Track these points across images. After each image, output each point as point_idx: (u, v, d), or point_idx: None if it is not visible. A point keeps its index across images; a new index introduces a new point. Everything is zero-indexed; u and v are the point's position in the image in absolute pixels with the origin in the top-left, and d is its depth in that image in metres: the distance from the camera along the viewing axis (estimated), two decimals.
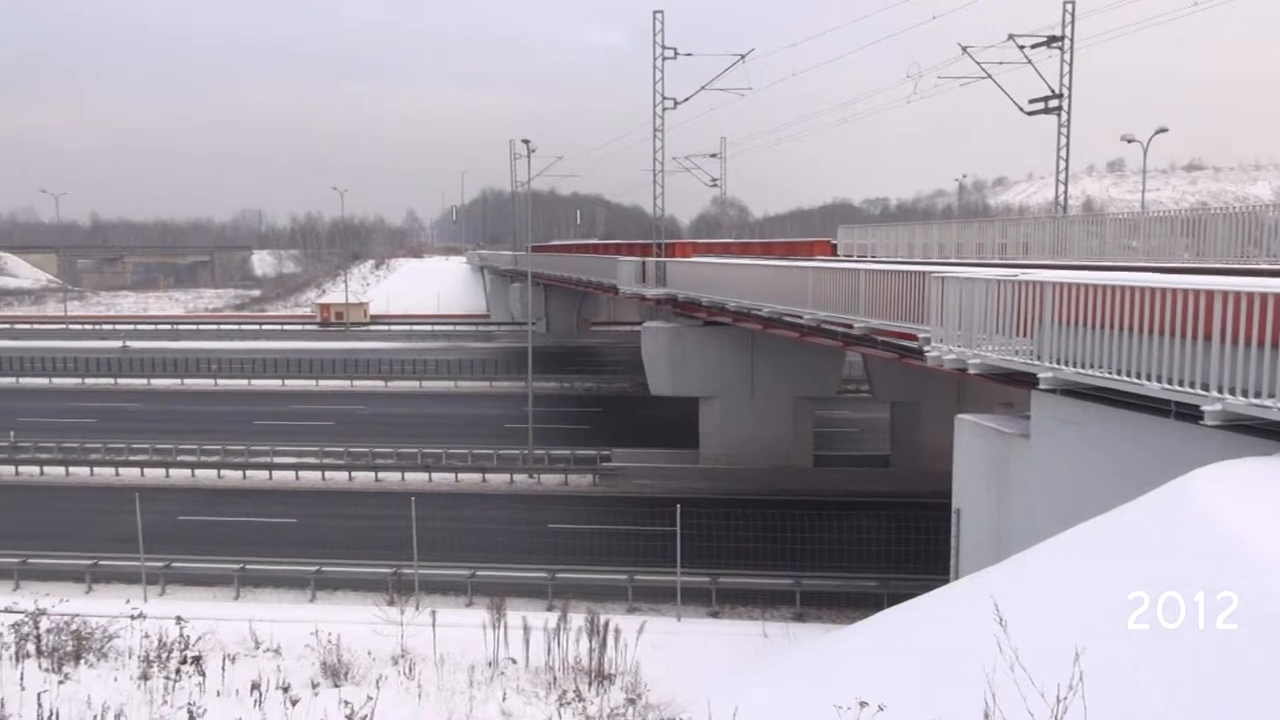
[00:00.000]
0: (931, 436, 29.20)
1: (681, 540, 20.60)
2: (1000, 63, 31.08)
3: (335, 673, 11.59)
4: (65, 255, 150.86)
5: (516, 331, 76.13)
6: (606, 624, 13.15)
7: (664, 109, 34.66)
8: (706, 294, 29.23)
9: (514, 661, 12.92)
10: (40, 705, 7.43)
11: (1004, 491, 13.38)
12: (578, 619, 13.85)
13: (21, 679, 8.79)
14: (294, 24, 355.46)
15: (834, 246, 38.19)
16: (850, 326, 19.21)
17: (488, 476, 33.51)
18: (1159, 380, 9.85)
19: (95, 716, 7.60)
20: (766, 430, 31.96)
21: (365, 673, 11.90)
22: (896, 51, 32.14)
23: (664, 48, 34.01)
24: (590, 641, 13.06)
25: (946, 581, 13.28)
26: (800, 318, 21.95)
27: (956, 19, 30.40)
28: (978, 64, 31.36)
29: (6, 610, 15.66)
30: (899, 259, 28.85)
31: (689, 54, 34.19)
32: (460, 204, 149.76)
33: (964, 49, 31.18)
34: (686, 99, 34.70)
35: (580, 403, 48.50)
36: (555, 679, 12.04)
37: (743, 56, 34.15)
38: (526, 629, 13.66)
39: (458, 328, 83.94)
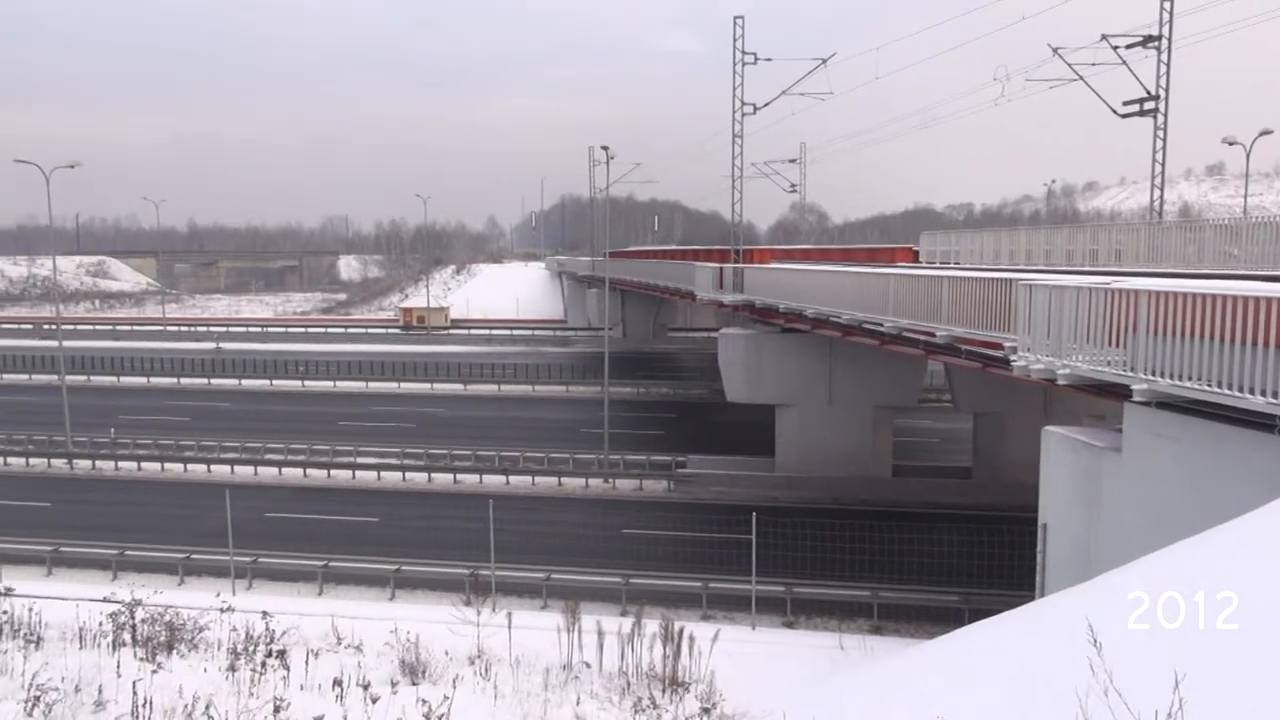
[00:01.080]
0: (1016, 448, 28.42)
1: (757, 548, 20.42)
2: (1093, 64, 30.13)
3: (413, 671, 11.76)
4: (164, 260, 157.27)
5: (593, 337, 76.63)
6: (681, 631, 13.06)
7: (743, 114, 34.52)
8: (784, 300, 28.97)
9: (588, 666, 12.93)
10: (135, 694, 7.70)
11: (1094, 507, 12.92)
12: (652, 625, 13.79)
13: (118, 667, 9.14)
14: (393, 37, 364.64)
15: (916, 253, 37.49)
16: (932, 335, 18.81)
17: (563, 480, 33.76)
18: (1264, 394, 9.39)
19: (186, 706, 7.84)
20: (844, 439, 31.50)
21: (442, 672, 12.05)
22: (983, 53, 31.39)
23: (744, 53, 33.90)
24: (664, 648, 12.99)
25: (1031, 598, 12.87)
26: (880, 325, 21.60)
27: (1047, 19, 29.63)
28: (1069, 65, 30.46)
29: (105, 600, 16.31)
30: (984, 266, 28.17)
31: (769, 59, 34.02)
32: (540, 210, 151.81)
33: (1054, 50, 30.33)
34: (766, 104, 34.52)
35: (655, 408, 48.53)
36: (629, 685, 12.01)
37: (824, 61, 33.82)
38: (601, 633, 13.67)
39: (536, 332, 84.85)
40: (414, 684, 10.75)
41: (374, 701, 7.03)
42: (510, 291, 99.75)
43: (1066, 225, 33.99)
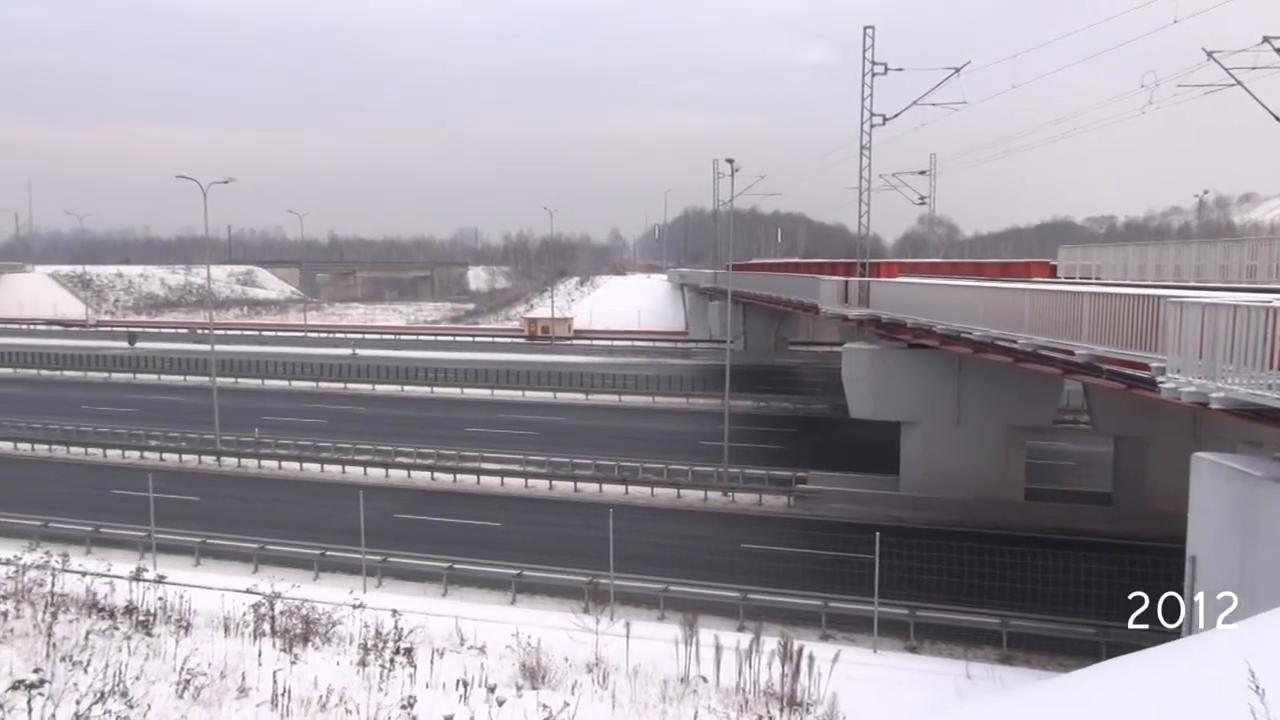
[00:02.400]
0: (1161, 474, 26.84)
1: (880, 569, 19.91)
2: (1253, 68, 28.23)
3: (533, 675, 11.95)
4: (306, 269, 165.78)
5: (714, 349, 76.49)
6: (800, 650, 12.84)
7: (872, 125, 33.86)
8: (912, 315, 28.24)
9: (705, 680, 12.86)
10: (275, 683, 8.07)
11: (1250, 540, 12.04)
12: (770, 642, 13.62)
13: (259, 656, 9.60)
14: (522, 55, 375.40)
15: (1053, 268, 35.95)
16: (1071, 353, 17.98)
17: (682, 492, 33.74)
18: None
19: (321, 697, 8.17)
20: (974, 459, 30.39)
21: (561, 678, 12.20)
22: (1129, 59, 29.89)
23: (873, 63, 33.26)
24: (783, 666, 12.80)
25: (1177, 635, 12.10)
26: (1014, 342, 20.79)
27: (1200, 22, 27.94)
28: (1226, 70, 28.64)
29: (247, 591, 17.22)
30: (1127, 282, 26.75)
31: (900, 69, 33.28)
32: (663, 222, 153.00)
33: (1209, 54, 28.57)
34: (896, 114, 33.75)
35: (776, 422, 48.01)
36: (747, 702, 11.88)
37: (957, 70, 32.86)
38: (719, 648, 13.59)
39: (657, 344, 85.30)
40: (534, 688, 10.92)
41: (500, 704, 7.15)
42: (632, 303, 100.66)
43: (1221, 239, 31.94)
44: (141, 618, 11.82)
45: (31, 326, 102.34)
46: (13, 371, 67.11)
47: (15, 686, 5.71)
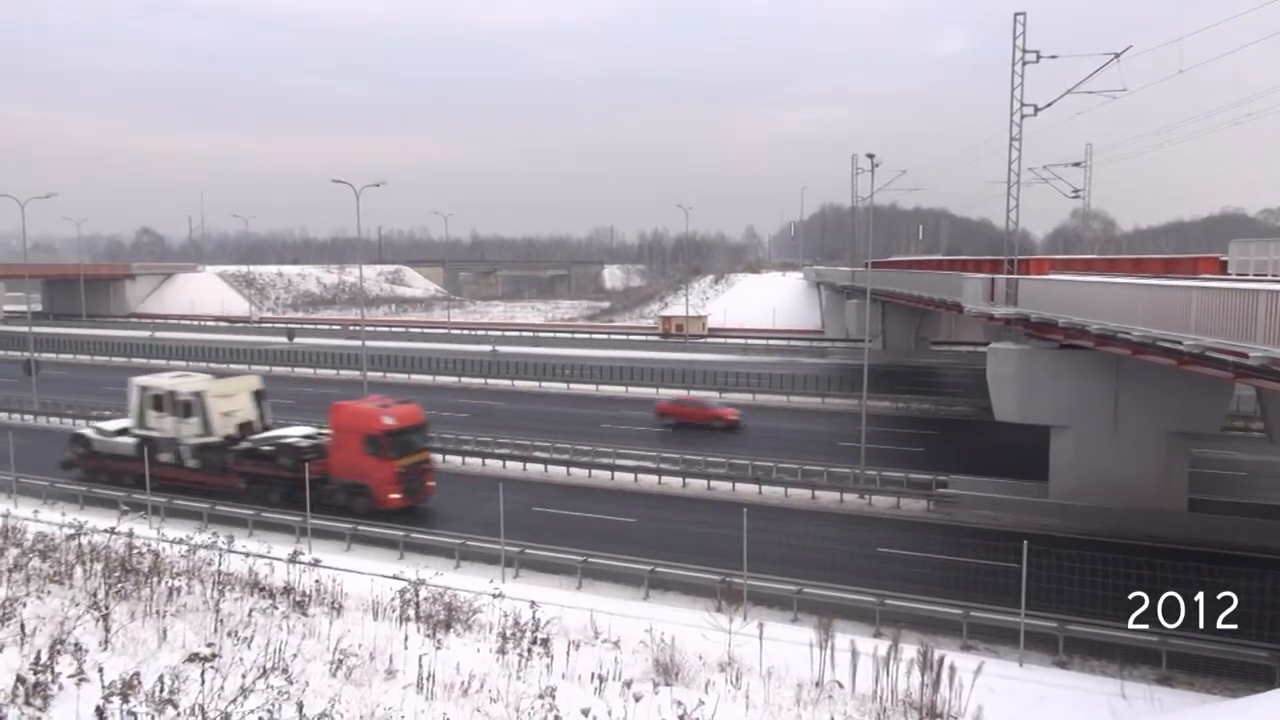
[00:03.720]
0: None
1: (1026, 579, 19.07)
2: None
3: (666, 671, 11.99)
4: (449, 269, 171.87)
5: (851, 348, 75.02)
6: (941, 660, 12.42)
7: (1022, 116, 32.41)
8: (1064, 314, 26.87)
9: (841, 685, 12.60)
10: (420, 666, 8.38)
11: None
12: (909, 650, 13.24)
13: (405, 640, 9.99)
14: (660, 56, 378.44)
15: (1222, 264, 33.55)
16: (1244, 355, 16.72)
17: (817, 493, 33.22)
18: None
19: (463, 682, 8.43)
20: (1130, 466, 28.69)
21: (694, 675, 12.20)
22: None
23: (1024, 51, 31.83)
24: (923, 675, 12.41)
25: None
26: (1179, 343, 19.48)
27: None
28: None
29: (394, 577, 18.00)
30: None
31: (1053, 56, 31.73)
32: (799, 220, 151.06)
33: None
34: (1049, 104, 32.16)
35: (916, 424, 46.66)
36: (884, 710, 11.58)
37: (1117, 55, 31.04)
38: (854, 653, 13.28)
39: (792, 343, 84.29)
40: (667, 684, 10.96)
41: (636, 700, 7.20)
42: (767, 301, 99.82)
43: None
44: (298, 598, 12.50)
45: (202, 322, 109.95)
46: (186, 364, 72.24)
47: (191, 658, 6.13)
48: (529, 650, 10.77)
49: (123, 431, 35.81)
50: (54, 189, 57.03)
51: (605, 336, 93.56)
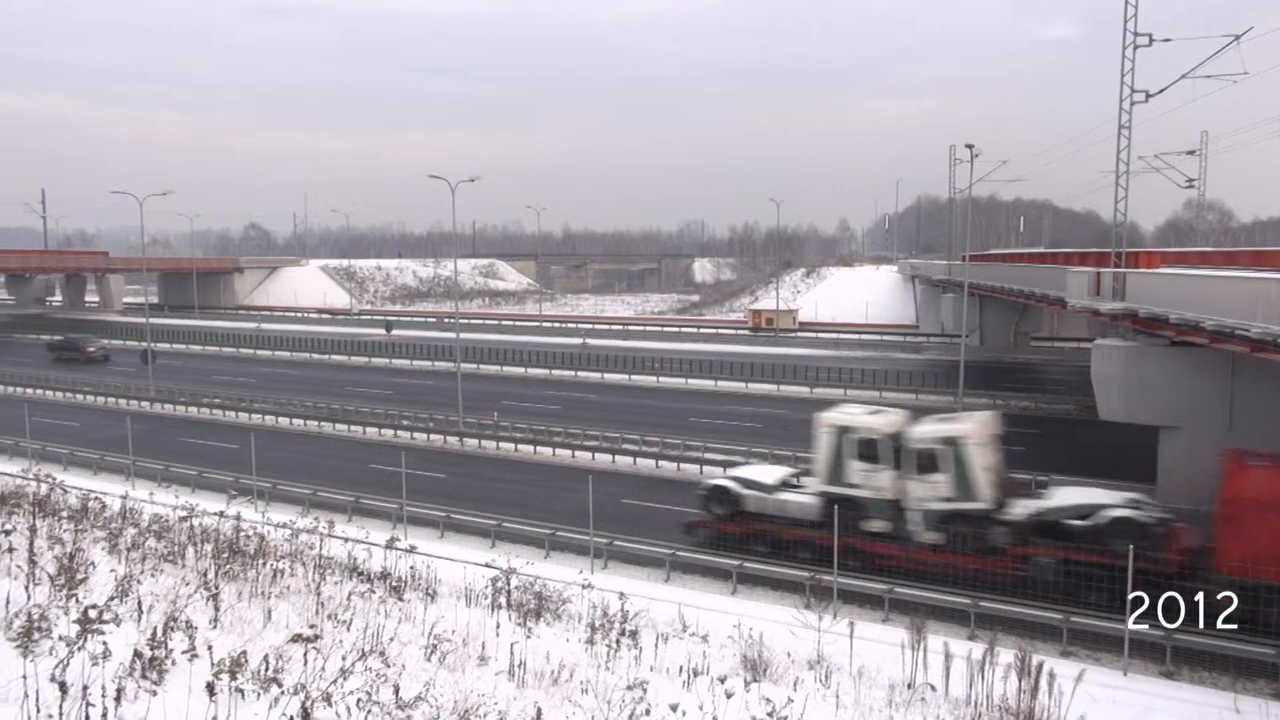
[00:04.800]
0: None
1: (1131, 584, 18.32)
2: None
3: (754, 667, 11.92)
4: (541, 262, 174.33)
5: (947, 344, 73.22)
6: (1040, 665, 12.02)
7: (1133, 103, 31.08)
8: (1176, 310, 25.69)
9: (934, 688, 12.33)
10: (512, 654, 8.52)
11: None
12: (1005, 655, 12.86)
13: (497, 628, 10.16)
14: (747, 48, 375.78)
15: None
16: None
17: None
18: None
19: (553, 671, 8.53)
20: None
21: (783, 673, 12.10)
22: None
23: (1135, 34, 30.50)
24: (1020, 681, 12.03)
25: None
26: None
27: None
28: None
29: (486, 565, 18.35)
30: None
31: (1166, 39, 30.35)
32: (894, 212, 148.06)
33: None
34: (1161, 90, 30.79)
35: (1014, 423, 45.08)
36: (979, 715, 11.28)
37: (1237, 38, 29.50)
38: (948, 656, 12.97)
39: (885, 338, 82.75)
40: (755, 681, 10.89)
41: (729, 697, 7.18)
42: (860, 295, 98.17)
43: None
44: (394, 583, 12.84)
45: (305, 314, 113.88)
46: (290, 355, 74.93)
47: (295, 639, 6.35)
48: (617, 641, 10.83)
49: (788, 485, 27.32)
50: (171, 186, 59.86)
51: (694, 330, 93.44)
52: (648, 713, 6.45)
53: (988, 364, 61.38)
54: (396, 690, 6.26)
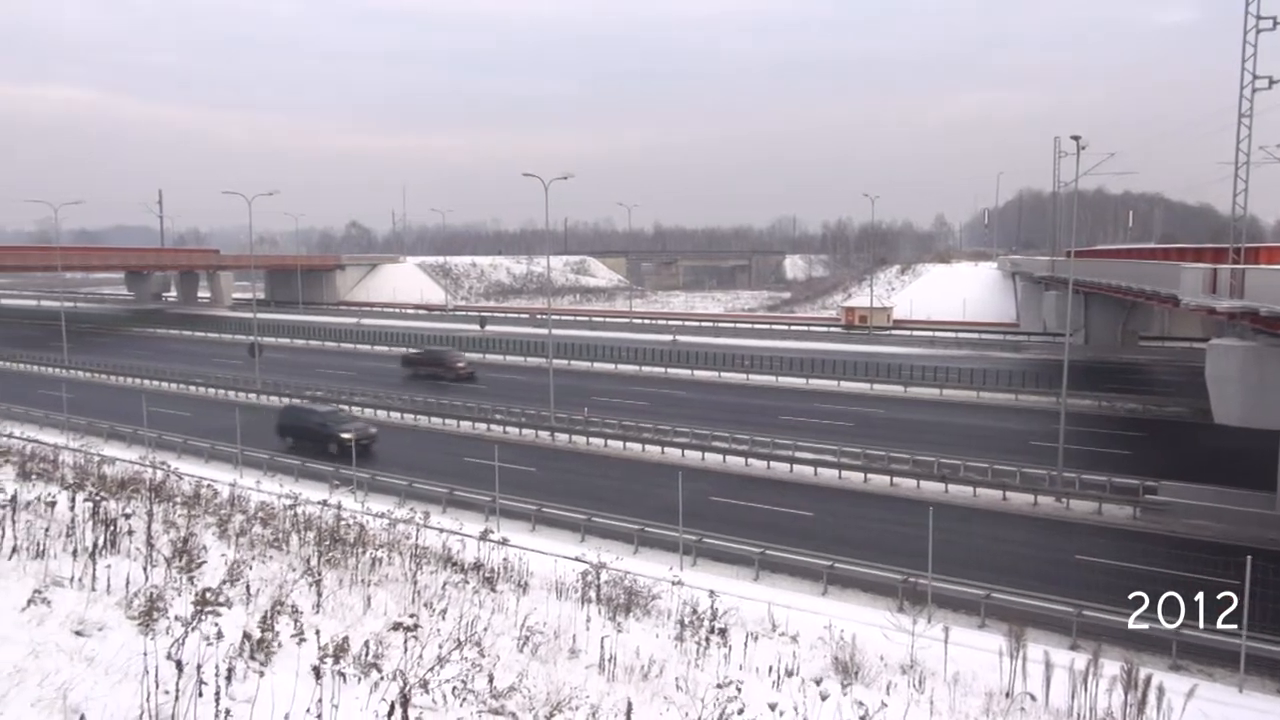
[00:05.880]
0: None
1: (1250, 597, 17.44)
2: None
3: (845, 670, 11.75)
4: (632, 259, 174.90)
5: (1049, 343, 70.83)
6: (1148, 679, 11.53)
7: (1254, 90, 29.52)
8: None
9: (1033, 698, 11.93)
10: (602, 648, 8.59)
11: None
12: (1110, 666, 12.38)
13: (587, 621, 10.26)
14: (843, 44, 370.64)
15: None
16: None
17: (1008, 494, 31.61)
18: None
19: (643, 666, 8.57)
20: None
21: (875, 676, 11.90)
22: None
23: (1259, 18, 28.95)
24: (1125, 694, 11.56)
25: None
26: None
27: None
28: None
29: (576, 559, 18.52)
30: None
31: None
32: (994, 207, 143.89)
33: None
34: None
35: (1120, 425, 43.54)
36: None
37: None
38: (1048, 665, 12.54)
39: (983, 336, 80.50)
40: (846, 683, 10.73)
41: (823, 699, 7.10)
42: (957, 292, 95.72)
43: None
44: (487, 574, 13.07)
45: (402, 310, 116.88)
46: (388, 349, 77.02)
47: (395, 627, 6.53)
48: (706, 639, 10.81)
49: None
50: (276, 186, 62.12)
51: (785, 327, 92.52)
52: (740, 712, 6.42)
53: (1093, 364, 59.16)
54: (491, 679, 6.38)
